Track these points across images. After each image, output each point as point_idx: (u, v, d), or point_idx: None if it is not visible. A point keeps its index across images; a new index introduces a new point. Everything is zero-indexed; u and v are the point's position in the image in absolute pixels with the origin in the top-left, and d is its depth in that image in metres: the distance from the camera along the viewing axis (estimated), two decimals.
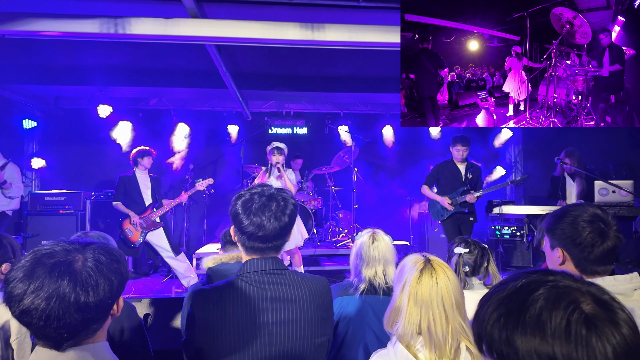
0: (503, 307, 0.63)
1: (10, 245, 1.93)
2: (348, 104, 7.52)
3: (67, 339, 0.91)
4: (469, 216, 4.73)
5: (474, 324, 0.69)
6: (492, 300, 0.66)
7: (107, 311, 0.97)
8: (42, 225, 5.24)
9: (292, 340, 1.33)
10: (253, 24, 3.85)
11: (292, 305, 1.35)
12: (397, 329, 1.26)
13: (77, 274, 0.90)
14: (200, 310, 1.30)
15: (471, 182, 4.77)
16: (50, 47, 5.18)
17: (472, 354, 1.20)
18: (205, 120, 7.30)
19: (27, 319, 0.88)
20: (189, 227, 6.37)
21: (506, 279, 0.70)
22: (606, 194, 4.15)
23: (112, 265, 0.96)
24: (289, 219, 1.38)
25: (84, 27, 3.69)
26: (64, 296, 0.88)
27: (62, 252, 0.93)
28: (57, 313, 0.87)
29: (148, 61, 5.67)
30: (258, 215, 1.34)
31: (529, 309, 0.59)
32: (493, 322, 0.63)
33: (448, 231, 4.83)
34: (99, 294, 0.91)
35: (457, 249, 1.99)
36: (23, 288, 0.88)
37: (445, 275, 1.28)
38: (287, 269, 1.42)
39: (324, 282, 1.48)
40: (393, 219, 7.09)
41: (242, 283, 1.35)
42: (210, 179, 5.03)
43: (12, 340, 1.73)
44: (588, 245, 1.36)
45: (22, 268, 0.90)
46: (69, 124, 6.88)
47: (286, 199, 1.40)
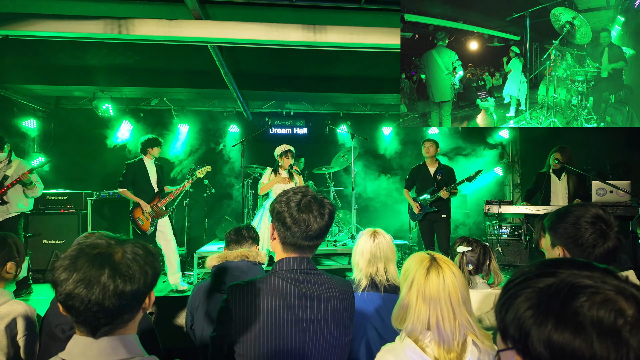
0: (542, 305, 0.62)
1: (15, 244, 1.95)
2: (348, 105, 7.57)
3: (104, 325, 0.98)
4: (441, 214, 4.96)
5: (499, 317, 0.68)
6: (524, 294, 0.65)
7: (141, 301, 1.04)
8: (43, 225, 5.25)
9: (322, 338, 1.36)
10: (256, 25, 3.89)
11: (324, 304, 1.38)
12: (405, 326, 1.30)
13: (116, 265, 0.98)
14: (237, 305, 1.32)
15: (441, 182, 4.98)
16: (51, 48, 5.19)
17: (478, 347, 1.24)
18: (205, 120, 7.32)
19: (70, 302, 0.95)
20: (189, 226, 6.39)
21: (530, 270, 0.69)
22: (604, 194, 4.21)
23: (148, 258, 1.04)
24: (329, 218, 1.43)
25: (88, 27, 3.71)
26: (104, 284, 0.95)
27: (104, 244, 1.01)
28: (97, 299, 0.95)
29: (149, 61, 5.69)
30: (305, 213, 1.37)
31: (572, 309, 0.59)
32: (529, 318, 0.62)
33: (423, 231, 5.11)
34: (135, 284, 0.99)
35: (459, 247, 2.04)
36: (67, 275, 0.96)
37: (451, 272, 1.31)
38: (317, 268, 1.46)
39: (348, 283, 1.53)
40: (392, 219, 7.14)
41: (278, 279, 1.37)
42: (208, 167, 5.07)
43: (19, 338, 1.76)
44: (589, 246, 1.39)
45: (68, 257, 0.99)
46: (71, 123, 6.89)
47: (324, 201, 1.44)
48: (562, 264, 0.67)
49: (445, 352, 1.23)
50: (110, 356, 0.98)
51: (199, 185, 6.31)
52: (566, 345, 0.58)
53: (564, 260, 0.68)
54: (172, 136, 7.08)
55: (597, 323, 0.58)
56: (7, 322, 1.72)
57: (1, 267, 1.86)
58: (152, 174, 4.84)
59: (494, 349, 1.28)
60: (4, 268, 1.87)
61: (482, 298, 1.92)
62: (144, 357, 1.04)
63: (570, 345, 0.58)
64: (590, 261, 0.68)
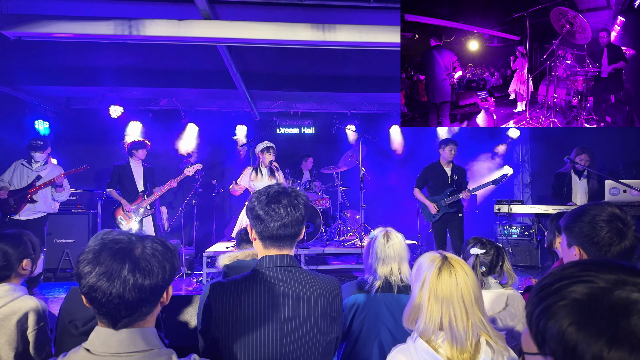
0: (590, 323, 0.61)
1: (30, 242, 1.99)
2: (355, 104, 7.54)
3: (124, 317, 1.03)
4: (458, 213, 4.97)
5: (535, 326, 0.67)
6: (564, 306, 0.64)
7: (159, 295, 1.08)
8: (55, 224, 5.30)
9: (301, 336, 1.37)
10: (265, 25, 3.89)
11: (303, 303, 1.39)
12: (418, 326, 1.28)
13: (136, 259, 1.03)
14: (217, 302, 1.36)
15: (457, 183, 4.99)
16: (62, 49, 5.25)
17: (492, 348, 1.23)
18: (214, 120, 7.36)
19: (93, 294, 1.00)
20: (198, 226, 6.42)
21: (564, 275, 0.67)
22: (617, 194, 4.15)
23: (167, 254, 1.08)
24: (302, 207, 1.46)
25: (99, 28, 3.75)
26: (125, 277, 1.00)
27: (125, 240, 1.06)
28: (117, 291, 0.99)
29: (158, 62, 5.73)
30: (275, 203, 1.42)
31: (625, 329, 0.59)
32: (574, 334, 0.61)
33: (436, 233, 5.05)
34: (153, 278, 1.03)
35: (473, 249, 2.00)
36: (90, 268, 1.01)
37: (464, 271, 1.30)
38: (300, 267, 1.48)
39: (335, 282, 1.53)
40: (401, 218, 7.10)
41: (258, 279, 1.41)
42: (199, 164, 5.20)
43: (29, 333, 1.78)
44: (606, 245, 1.37)
45: (91, 251, 1.03)
46: (81, 124, 6.97)
47: (297, 192, 1.48)
48: (599, 268, 0.65)
49: (458, 353, 1.21)
50: (129, 347, 1.03)
51: (207, 185, 6.34)
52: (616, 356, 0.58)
53: (600, 264, 0.67)
54: (180, 136, 7.13)
55: None
56: (18, 317, 1.74)
57: (17, 263, 1.89)
58: (138, 175, 5.06)
59: (507, 349, 1.27)
60: (20, 265, 1.90)
61: (494, 298, 1.90)
62: (161, 349, 1.07)
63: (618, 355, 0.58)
64: (619, 261, 0.66)
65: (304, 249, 5.34)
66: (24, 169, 4.67)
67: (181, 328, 3.70)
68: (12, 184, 4.59)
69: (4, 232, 1.95)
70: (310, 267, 5.42)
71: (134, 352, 1.02)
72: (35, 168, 4.69)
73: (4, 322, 1.72)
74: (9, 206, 4.52)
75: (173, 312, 3.74)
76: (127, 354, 1.02)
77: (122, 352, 1.01)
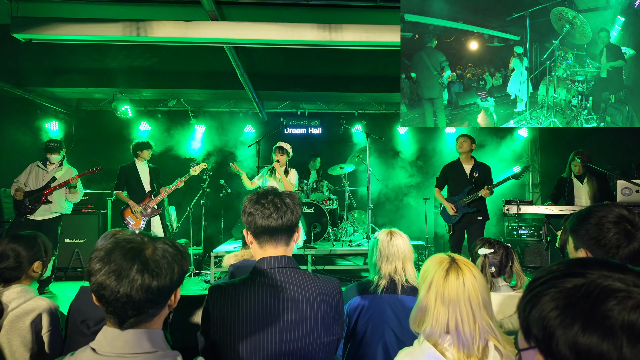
0: (570, 307, 0.61)
1: (43, 244, 2.01)
2: (362, 104, 7.53)
3: (131, 317, 1.03)
4: (477, 215, 4.65)
5: (522, 315, 0.67)
6: (550, 293, 0.64)
7: (167, 297, 1.08)
8: (66, 224, 5.35)
9: (301, 338, 1.36)
10: (272, 25, 3.90)
11: (302, 305, 1.38)
12: (424, 328, 1.27)
13: (146, 260, 1.03)
14: (216, 306, 1.36)
15: (478, 181, 4.68)
16: (72, 51, 5.32)
17: (500, 353, 1.21)
18: (222, 120, 7.39)
19: (102, 292, 1.00)
20: (206, 226, 6.46)
21: (558, 269, 0.67)
22: (629, 194, 4.08)
23: (177, 256, 1.08)
24: (291, 202, 1.45)
25: (108, 30, 3.79)
26: (133, 277, 1.00)
27: (138, 240, 1.07)
28: (125, 290, 0.99)
29: (167, 63, 5.78)
30: (262, 199, 1.44)
31: (601, 312, 0.58)
32: (554, 319, 0.61)
33: (455, 236, 4.77)
34: (161, 280, 1.03)
35: (481, 250, 1.97)
36: (101, 265, 1.01)
37: (472, 274, 1.27)
38: (299, 268, 1.46)
39: (335, 283, 1.51)
40: (408, 219, 7.07)
41: (256, 282, 1.39)
42: (204, 163, 5.22)
43: (44, 333, 1.80)
44: (613, 247, 1.33)
45: (104, 249, 1.04)
46: (91, 125, 7.05)
47: (288, 191, 1.50)
48: (591, 264, 0.65)
49: (465, 357, 1.19)
50: (134, 348, 1.02)
51: (215, 185, 6.37)
52: (593, 348, 0.57)
53: (594, 261, 0.66)
54: (189, 137, 7.17)
55: (628, 327, 0.56)
56: (32, 318, 1.76)
57: (29, 265, 1.91)
58: (144, 175, 5.10)
59: None
60: (31, 267, 1.92)
61: (504, 301, 1.87)
62: (166, 352, 1.07)
63: (598, 348, 0.57)
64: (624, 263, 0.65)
65: (311, 249, 5.33)
66: (40, 170, 4.77)
67: (187, 328, 3.72)
68: (27, 185, 4.69)
69: (19, 233, 1.96)
70: (317, 268, 5.43)
71: (139, 353, 1.02)
72: (50, 170, 4.80)
73: (18, 323, 1.73)
74: (24, 206, 4.62)
75: (180, 311, 3.76)
76: (132, 355, 1.01)
77: (127, 352, 1.01)
